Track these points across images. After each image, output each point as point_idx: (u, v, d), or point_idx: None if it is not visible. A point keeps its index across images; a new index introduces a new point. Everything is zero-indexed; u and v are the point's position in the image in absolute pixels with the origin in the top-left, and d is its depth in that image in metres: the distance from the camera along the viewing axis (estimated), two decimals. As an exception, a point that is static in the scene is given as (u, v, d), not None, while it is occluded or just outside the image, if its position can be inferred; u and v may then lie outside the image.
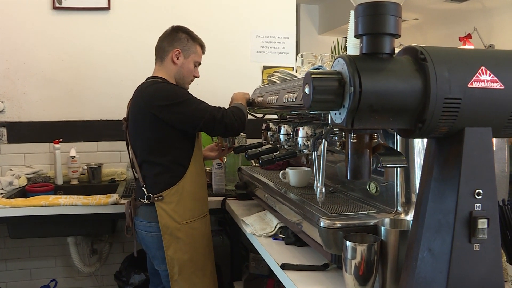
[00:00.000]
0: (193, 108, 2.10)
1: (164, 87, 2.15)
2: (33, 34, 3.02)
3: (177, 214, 2.13)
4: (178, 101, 2.09)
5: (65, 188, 2.91)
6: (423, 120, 0.94)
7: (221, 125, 2.11)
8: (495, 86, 0.95)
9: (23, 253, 3.08)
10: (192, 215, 2.18)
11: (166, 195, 2.12)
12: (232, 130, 2.15)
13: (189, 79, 2.34)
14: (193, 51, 2.29)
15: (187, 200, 2.16)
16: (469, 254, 0.97)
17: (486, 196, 0.97)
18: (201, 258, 2.21)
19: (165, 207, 2.12)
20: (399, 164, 1.00)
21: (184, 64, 2.27)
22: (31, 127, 3.05)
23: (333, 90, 0.92)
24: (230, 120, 2.12)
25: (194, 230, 2.19)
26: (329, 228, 1.36)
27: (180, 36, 2.26)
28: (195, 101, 2.13)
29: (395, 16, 0.94)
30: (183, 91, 2.17)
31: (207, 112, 2.09)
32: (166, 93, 2.11)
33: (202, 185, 2.27)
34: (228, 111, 2.15)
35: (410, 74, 0.93)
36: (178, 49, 2.24)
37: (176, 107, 2.08)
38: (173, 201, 2.13)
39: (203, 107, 2.11)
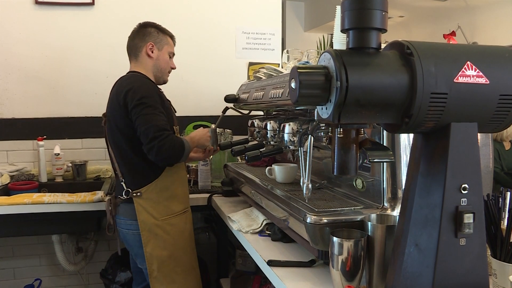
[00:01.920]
0: (150, 115, 2.02)
1: (140, 85, 2.10)
2: (15, 30, 2.97)
3: (155, 210, 2.13)
4: (143, 103, 2.03)
5: (49, 185, 2.87)
6: (409, 115, 0.94)
7: (150, 145, 1.98)
8: (480, 81, 0.96)
9: (6, 252, 3.03)
10: (171, 211, 2.17)
11: (145, 191, 2.12)
12: (157, 156, 2.00)
13: (167, 70, 2.33)
14: (165, 42, 2.29)
15: (166, 197, 2.15)
16: (455, 248, 0.98)
17: (472, 190, 0.98)
18: (181, 255, 2.20)
19: (143, 203, 2.12)
20: (386, 159, 1.00)
21: (160, 56, 2.27)
22: (14, 124, 3.00)
23: (319, 85, 0.92)
24: (164, 147, 1.98)
25: (173, 227, 2.18)
26: (315, 224, 1.36)
27: (149, 31, 2.27)
28: (156, 109, 2.05)
29: (381, 10, 0.94)
30: (153, 94, 2.10)
31: (151, 124, 2.00)
32: (139, 91, 2.06)
33: (181, 182, 2.26)
34: (170, 139, 2.01)
35: (397, 69, 0.93)
36: (151, 42, 2.24)
37: (141, 107, 2.02)
38: (151, 197, 2.12)
39: (155, 118, 2.02)
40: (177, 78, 3.23)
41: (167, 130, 2.02)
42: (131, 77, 2.18)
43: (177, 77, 3.23)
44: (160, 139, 1.97)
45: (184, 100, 3.28)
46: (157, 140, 1.97)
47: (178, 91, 3.25)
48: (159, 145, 1.97)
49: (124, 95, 2.06)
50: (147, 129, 1.99)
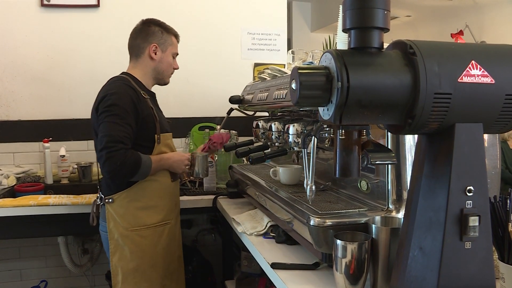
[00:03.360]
0: (112, 124, 1.93)
1: (115, 91, 2.01)
2: (21, 32, 2.97)
3: (124, 220, 2.04)
4: (108, 111, 1.96)
5: (55, 187, 2.87)
6: (413, 115, 0.92)
7: (99, 154, 1.90)
8: (485, 81, 0.94)
9: (13, 253, 3.04)
10: (143, 222, 2.07)
11: (117, 198, 2.04)
12: (103, 168, 1.91)
13: (170, 72, 2.26)
14: (169, 43, 2.21)
15: (138, 207, 2.06)
16: (460, 252, 0.95)
17: (478, 193, 0.96)
18: (148, 270, 2.09)
19: (113, 211, 2.04)
20: (388, 161, 0.98)
21: (163, 58, 2.19)
22: (20, 126, 3.01)
23: (320, 86, 0.90)
24: (111, 160, 1.87)
25: (143, 239, 2.07)
26: (319, 227, 1.35)
27: (153, 30, 2.18)
28: (121, 119, 1.95)
29: (383, 9, 0.92)
30: (126, 102, 1.99)
31: (107, 133, 1.91)
32: (111, 98, 1.98)
33: (162, 193, 2.14)
34: (121, 153, 1.89)
35: (399, 69, 0.91)
36: (154, 43, 2.16)
37: (105, 114, 1.96)
38: (123, 205, 2.04)
39: (113, 128, 1.92)
40: (183, 79, 3.23)
41: (122, 143, 1.90)
42: (112, 83, 2.09)
43: (183, 79, 3.23)
44: (110, 150, 1.87)
45: (190, 101, 3.28)
46: (106, 151, 1.87)
47: (183, 92, 3.25)
48: (107, 157, 1.87)
49: (99, 101, 2.02)
50: (102, 138, 1.90)
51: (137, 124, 2.01)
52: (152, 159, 2.03)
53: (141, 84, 2.17)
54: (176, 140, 3.11)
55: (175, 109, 3.22)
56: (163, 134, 2.15)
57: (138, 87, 2.11)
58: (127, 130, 1.94)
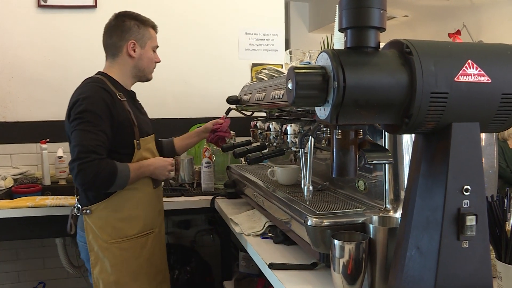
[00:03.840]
0: (84, 132, 1.80)
1: (88, 95, 1.87)
2: (18, 33, 2.97)
3: (104, 232, 1.92)
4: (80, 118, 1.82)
5: (52, 188, 2.86)
6: (409, 115, 0.92)
7: (71, 166, 1.78)
8: (482, 80, 0.94)
9: (10, 255, 3.04)
10: (123, 234, 1.95)
11: (95, 209, 1.92)
12: (76, 180, 1.78)
13: (151, 68, 2.11)
14: (148, 37, 2.05)
15: (118, 218, 1.94)
16: (457, 251, 0.95)
17: (475, 192, 0.96)
18: (129, 282, 1.98)
19: (92, 223, 1.92)
20: (385, 160, 0.98)
21: (143, 54, 2.04)
22: (17, 127, 3.00)
23: (316, 85, 0.90)
24: (84, 172, 1.75)
25: (123, 251, 1.95)
26: (316, 227, 1.34)
27: (128, 25, 2.02)
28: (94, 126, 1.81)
29: (379, 9, 0.92)
30: (99, 107, 1.85)
31: (78, 143, 1.78)
32: (82, 104, 1.84)
33: (144, 202, 2.03)
34: (95, 164, 1.76)
35: (396, 68, 0.91)
36: (132, 40, 2.01)
37: (77, 122, 1.82)
38: (101, 217, 1.92)
39: (85, 137, 1.79)
40: (180, 79, 3.23)
41: (95, 153, 1.77)
42: (85, 85, 1.95)
43: (180, 79, 3.23)
44: (82, 162, 1.74)
45: (188, 102, 3.27)
46: (78, 162, 1.75)
47: (181, 93, 3.25)
48: (79, 169, 1.74)
49: (70, 106, 1.89)
50: (74, 147, 1.78)
51: (112, 130, 1.87)
52: (130, 167, 1.91)
53: (119, 84, 2.04)
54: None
55: (173, 110, 3.22)
56: (143, 139, 2.02)
57: (115, 89, 1.98)
58: (101, 138, 1.81)
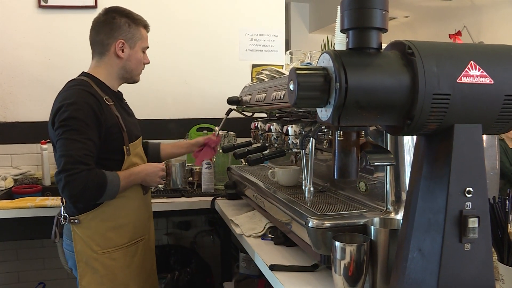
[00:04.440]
0: (70, 141, 1.70)
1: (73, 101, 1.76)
2: (18, 33, 2.97)
3: (94, 242, 1.83)
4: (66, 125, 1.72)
5: (53, 189, 2.86)
6: (411, 116, 0.91)
7: (58, 177, 1.68)
8: (484, 81, 0.93)
9: (10, 255, 3.03)
10: (114, 243, 1.87)
11: (83, 219, 1.82)
12: (63, 192, 1.70)
13: (139, 70, 2.01)
14: (138, 37, 1.95)
15: (109, 227, 1.86)
16: (459, 253, 0.95)
17: (477, 194, 0.95)
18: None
19: (81, 233, 1.82)
20: (387, 162, 0.97)
21: (132, 55, 1.94)
22: (18, 128, 3.00)
23: (318, 87, 0.90)
24: (72, 184, 1.65)
25: (113, 262, 1.88)
26: (317, 228, 1.34)
27: (119, 23, 1.90)
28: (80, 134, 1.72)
29: (382, 9, 0.92)
30: (85, 113, 1.75)
31: (64, 153, 1.68)
32: (67, 110, 1.74)
33: (135, 208, 1.96)
34: (83, 175, 1.66)
35: (398, 70, 0.90)
36: (121, 40, 1.91)
37: (62, 130, 1.72)
38: (90, 226, 1.83)
39: (72, 146, 1.69)
40: (181, 80, 3.23)
41: (83, 164, 1.67)
42: (69, 89, 1.84)
43: (181, 80, 3.23)
44: (70, 173, 1.65)
45: (188, 102, 3.27)
46: (65, 174, 1.65)
47: (181, 93, 3.25)
48: (66, 181, 1.65)
49: (54, 112, 1.78)
50: (59, 158, 1.69)
51: (100, 137, 1.79)
52: (120, 176, 1.82)
53: (105, 86, 1.94)
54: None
55: (173, 110, 3.22)
56: (132, 144, 1.94)
57: (101, 91, 1.88)
58: (88, 147, 1.72)
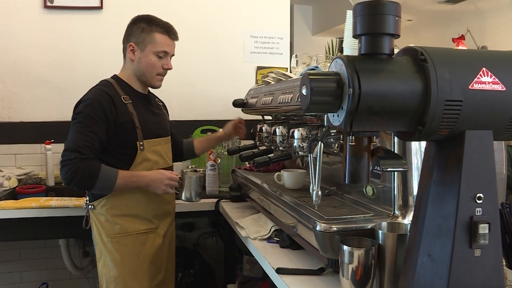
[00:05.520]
0: (74, 132, 1.90)
1: (88, 97, 1.98)
2: (24, 33, 2.97)
3: (104, 227, 2.02)
4: (75, 119, 1.94)
5: (56, 189, 2.87)
6: (423, 122, 0.91)
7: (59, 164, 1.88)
8: (496, 88, 0.93)
9: (13, 255, 3.03)
10: (123, 230, 2.01)
11: (97, 205, 2.02)
12: (62, 177, 1.88)
13: (153, 74, 2.09)
14: (149, 41, 2.05)
15: (117, 214, 2.01)
16: (469, 259, 0.95)
17: (487, 200, 0.95)
18: (130, 279, 2.02)
19: (95, 218, 2.04)
20: (400, 168, 0.98)
21: (142, 58, 2.06)
22: (22, 128, 3.00)
23: (331, 92, 0.90)
24: (64, 169, 1.84)
25: (122, 247, 2.01)
26: (325, 232, 1.34)
27: (135, 28, 2.08)
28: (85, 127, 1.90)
29: (394, 15, 0.92)
30: (94, 109, 1.93)
31: (67, 142, 1.89)
32: (81, 104, 1.96)
33: (143, 203, 2.06)
34: (75, 163, 1.84)
35: (410, 76, 0.91)
36: (131, 43, 2.07)
37: (72, 122, 1.95)
38: (102, 213, 2.01)
39: (74, 137, 1.89)
40: (185, 82, 3.23)
41: (78, 152, 1.84)
42: (92, 88, 2.06)
43: (185, 81, 3.23)
44: (64, 159, 1.85)
45: (192, 104, 3.27)
46: (61, 159, 1.86)
47: (186, 95, 3.25)
48: (61, 166, 1.85)
49: (74, 107, 2.00)
50: (64, 146, 1.89)
51: (108, 132, 1.94)
52: (120, 174, 1.94)
53: (128, 87, 2.10)
54: (179, 143, 3.13)
55: (178, 112, 3.21)
56: (150, 140, 2.06)
57: (122, 91, 2.05)
58: (90, 139, 1.88)
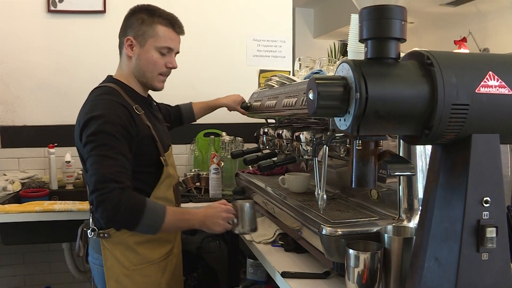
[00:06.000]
0: (99, 158, 1.56)
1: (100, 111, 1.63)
2: (28, 37, 2.98)
3: (126, 258, 1.70)
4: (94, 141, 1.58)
5: (60, 193, 2.86)
6: (430, 126, 0.91)
7: (90, 198, 1.57)
8: (503, 92, 0.94)
9: (17, 259, 3.04)
10: (146, 259, 1.74)
11: (114, 233, 1.68)
12: (97, 213, 1.54)
13: (154, 73, 1.81)
14: (150, 35, 1.76)
15: (141, 241, 1.71)
16: (477, 263, 0.95)
17: (494, 203, 0.95)
18: None
19: (111, 248, 1.69)
20: (408, 172, 0.98)
21: (141, 55, 1.77)
22: (25, 131, 3.01)
23: (338, 96, 0.90)
24: (103, 204, 1.51)
25: (145, 278, 1.74)
26: (331, 236, 1.34)
27: (134, 19, 1.78)
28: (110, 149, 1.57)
29: (400, 20, 0.92)
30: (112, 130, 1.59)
31: (95, 171, 1.54)
32: (95, 122, 1.60)
33: None
34: (113, 195, 1.50)
35: (417, 80, 0.91)
36: (129, 36, 1.77)
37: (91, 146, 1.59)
38: (122, 241, 1.69)
39: (102, 164, 1.54)
40: (188, 85, 3.23)
41: (114, 182, 1.51)
42: (97, 98, 1.72)
43: (188, 85, 3.23)
44: (100, 193, 1.51)
45: (195, 107, 3.27)
46: (96, 193, 1.51)
47: (188, 98, 3.23)
48: (97, 201, 1.51)
49: (82, 127, 1.64)
50: (90, 177, 1.55)
51: (131, 151, 1.65)
52: (169, 210, 1.61)
53: (134, 92, 1.82)
54: (181, 146, 3.14)
55: (180, 115, 3.22)
56: (166, 153, 1.84)
57: (131, 100, 1.76)
58: (121, 163, 1.57)
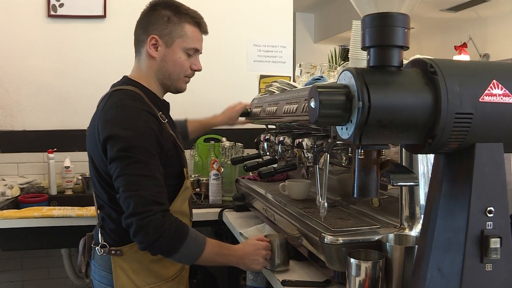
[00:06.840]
0: (135, 177, 1.44)
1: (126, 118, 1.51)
2: (27, 42, 2.98)
3: (139, 277, 1.60)
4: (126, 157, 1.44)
5: (59, 198, 2.85)
6: (433, 135, 0.90)
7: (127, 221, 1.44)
8: (507, 100, 0.92)
9: (15, 264, 3.02)
10: (160, 278, 1.64)
11: (127, 251, 1.59)
12: (135, 237, 1.44)
13: (180, 76, 1.71)
14: (178, 34, 1.63)
15: (155, 259, 1.59)
16: (481, 274, 0.94)
17: (498, 213, 0.94)
18: None
19: (124, 266, 1.59)
20: (411, 182, 0.97)
21: (168, 55, 1.64)
22: (25, 136, 3.00)
23: (340, 105, 0.89)
24: (146, 229, 1.41)
25: None
26: (332, 244, 1.33)
27: (157, 17, 1.63)
28: (146, 166, 1.45)
29: (403, 27, 0.91)
30: (145, 144, 1.47)
31: (133, 193, 1.43)
32: (124, 135, 1.46)
33: None
34: (157, 219, 1.42)
35: (420, 88, 0.90)
36: (153, 35, 1.62)
37: (123, 163, 1.45)
38: (135, 259, 1.59)
39: (140, 183, 1.43)
40: (188, 90, 3.20)
41: (157, 204, 1.43)
42: (121, 105, 1.55)
43: (188, 89, 3.20)
44: (142, 216, 1.40)
45: (195, 112, 3.23)
46: (137, 217, 1.41)
47: (188, 102, 3.23)
48: (139, 225, 1.41)
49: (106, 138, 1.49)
50: (127, 199, 1.43)
51: (160, 162, 1.53)
52: (208, 242, 1.53)
53: (156, 98, 1.70)
54: (181, 151, 3.12)
55: (179, 119, 3.21)
56: (185, 169, 1.74)
57: (155, 106, 1.62)
58: (159, 182, 1.47)
